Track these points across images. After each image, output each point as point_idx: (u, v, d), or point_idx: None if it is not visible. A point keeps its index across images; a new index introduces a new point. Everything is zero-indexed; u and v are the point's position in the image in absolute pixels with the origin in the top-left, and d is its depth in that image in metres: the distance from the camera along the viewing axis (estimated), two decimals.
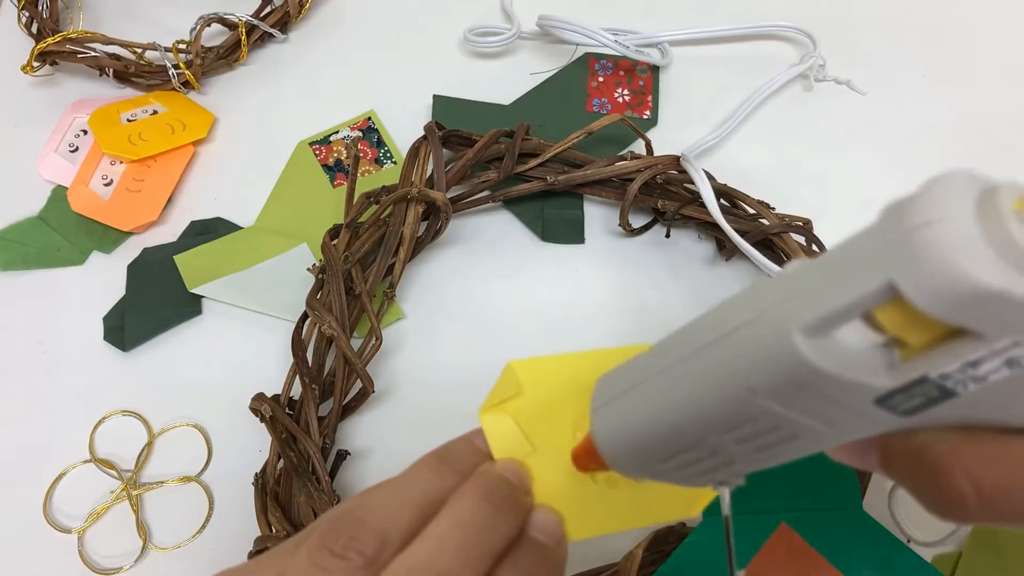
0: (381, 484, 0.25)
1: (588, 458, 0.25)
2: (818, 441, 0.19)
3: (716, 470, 0.21)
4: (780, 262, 0.42)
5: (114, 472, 0.40)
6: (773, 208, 0.43)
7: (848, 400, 0.17)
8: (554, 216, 0.46)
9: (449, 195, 0.42)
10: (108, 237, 0.46)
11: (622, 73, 0.51)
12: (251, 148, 0.49)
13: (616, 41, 0.48)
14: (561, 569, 0.26)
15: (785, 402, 0.18)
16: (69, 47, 0.49)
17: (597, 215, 0.46)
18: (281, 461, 0.37)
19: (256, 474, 0.38)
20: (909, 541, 0.37)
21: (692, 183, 0.43)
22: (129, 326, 0.43)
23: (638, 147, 0.47)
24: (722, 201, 0.44)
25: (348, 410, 0.39)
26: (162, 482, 0.39)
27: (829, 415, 0.18)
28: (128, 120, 0.48)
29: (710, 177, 0.44)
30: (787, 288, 0.17)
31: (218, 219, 0.47)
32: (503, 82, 0.51)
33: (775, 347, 0.17)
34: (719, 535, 0.33)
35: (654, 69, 0.51)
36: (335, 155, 0.48)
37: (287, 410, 0.38)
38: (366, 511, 0.24)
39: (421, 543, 0.23)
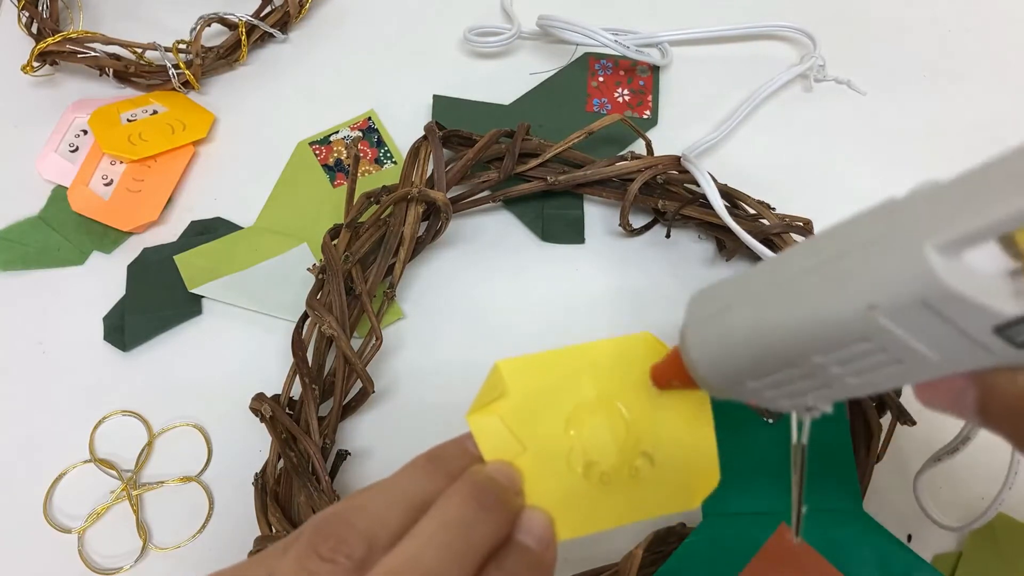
0: (371, 486, 0.25)
1: (671, 374, 0.26)
2: (922, 369, 0.19)
3: (807, 393, 0.21)
4: None
5: (114, 472, 0.40)
6: (773, 208, 0.43)
7: (967, 325, 0.17)
8: (554, 216, 0.46)
9: (449, 195, 0.42)
10: (108, 237, 0.46)
11: (622, 73, 0.51)
12: (251, 148, 0.49)
13: (616, 41, 0.48)
14: (548, 571, 0.26)
15: (903, 322, 0.17)
16: (69, 47, 0.49)
17: (597, 215, 0.46)
18: (281, 461, 0.37)
19: (256, 474, 0.38)
20: (910, 540, 0.37)
21: (693, 183, 0.43)
22: (129, 326, 0.43)
23: (638, 147, 0.47)
24: (722, 201, 0.44)
25: (348, 410, 0.39)
26: (162, 482, 0.40)
27: (943, 341, 0.18)
28: (128, 120, 0.48)
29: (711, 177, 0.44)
30: (922, 206, 0.17)
31: (218, 219, 0.47)
32: (503, 82, 0.51)
33: (906, 263, 0.17)
34: (719, 535, 0.33)
35: (654, 69, 0.51)
36: (335, 155, 0.48)
37: (287, 410, 0.38)
38: (354, 513, 0.24)
39: (407, 543, 0.23)
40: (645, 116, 0.50)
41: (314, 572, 0.22)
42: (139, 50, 0.49)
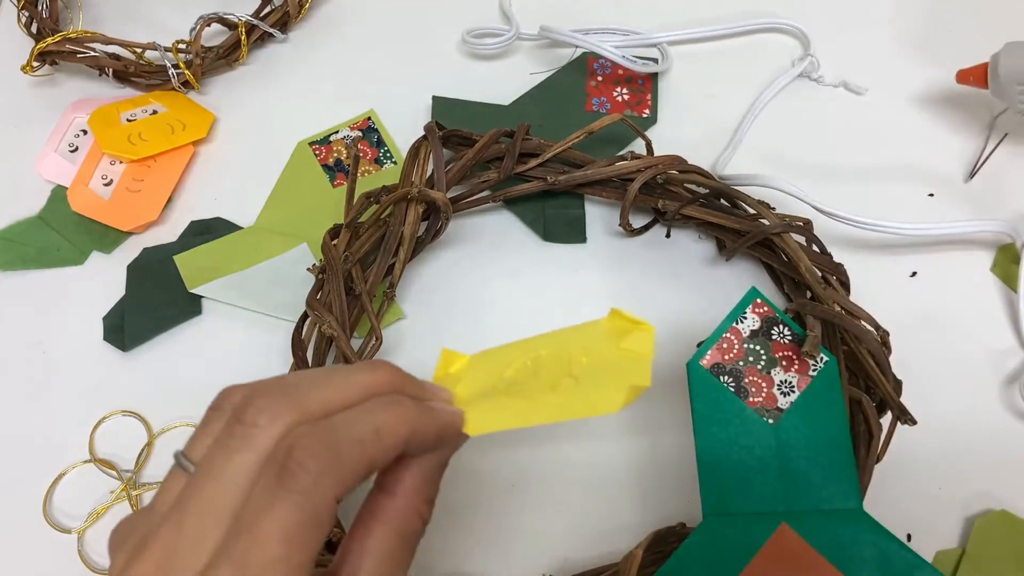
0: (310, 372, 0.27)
1: (975, 75, 0.45)
2: None
3: None
4: (780, 262, 0.42)
5: (114, 472, 0.40)
6: (773, 208, 0.43)
7: None
8: (555, 215, 0.46)
9: (449, 195, 0.42)
10: (108, 237, 0.46)
11: (621, 72, 0.51)
12: (251, 148, 0.49)
13: (621, 54, 0.48)
14: (438, 418, 0.26)
15: None
16: (69, 47, 0.49)
17: (597, 215, 0.46)
18: None
19: None
20: (909, 539, 0.37)
21: (693, 183, 0.43)
22: (129, 326, 0.43)
23: (638, 146, 0.47)
24: (722, 201, 0.44)
25: None
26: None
27: None
28: (128, 120, 0.48)
29: (709, 176, 0.44)
30: None
31: (218, 219, 0.47)
32: (502, 83, 0.51)
33: None
34: (719, 535, 0.33)
35: None
36: (335, 155, 0.48)
37: None
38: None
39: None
40: (645, 115, 0.50)
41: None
42: (139, 50, 0.49)
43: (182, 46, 0.49)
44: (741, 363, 0.35)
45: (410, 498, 0.25)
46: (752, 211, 0.43)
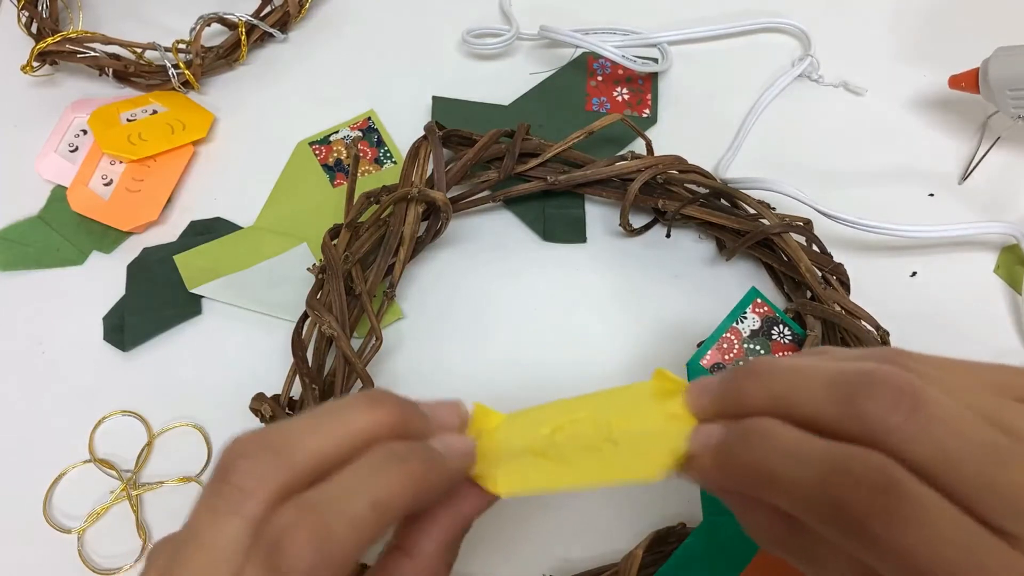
0: (307, 415, 0.25)
1: (966, 80, 0.45)
2: None
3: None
4: (780, 262, 0.42)
5: (114, 472, 0.40)
6: (773, 208, 0.43)
7: None
8: (556, 215, 0.46)
9: (449, 195, 0.42)
10: (108, 237, 0.46)
11: (621, 72, 0.51)
12: (251, 148, 0.49)
13: (621, 55, 0.48)
14: (445, 472, 0.24)
15: None
16: (69, 47, 0.49)
17: (597, 215, 0.46)
18: None
19: None
20: None
21: (693, 183, 0.43)
22: (129, 326, 0.43)
23: (638, 146, 0.47)
24: (722, 201, 0.44)
25: None
26: (162, 482, 0.40)
27: None
28: (128, 120, 0.48)
29: (710, 176, 0.44)
30: None
31: (218, 219, 0.47)
32: (502, 82, 0.51)
33: None
34: (719, 535, 0.33)
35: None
36: (335, 155, 0.48)
37: (287, 410, 0.38)
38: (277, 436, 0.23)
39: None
40: (644, 115, 0.50)
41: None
42: (139, 50, 0.49)
43: (182, 46, 0.49)
44: (741, 363, 0.36)
45: (430, 563, 0.24)
46: (752, 211, 0.43)
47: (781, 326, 0.36)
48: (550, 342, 0.43)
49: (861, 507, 0.19)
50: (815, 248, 0.42)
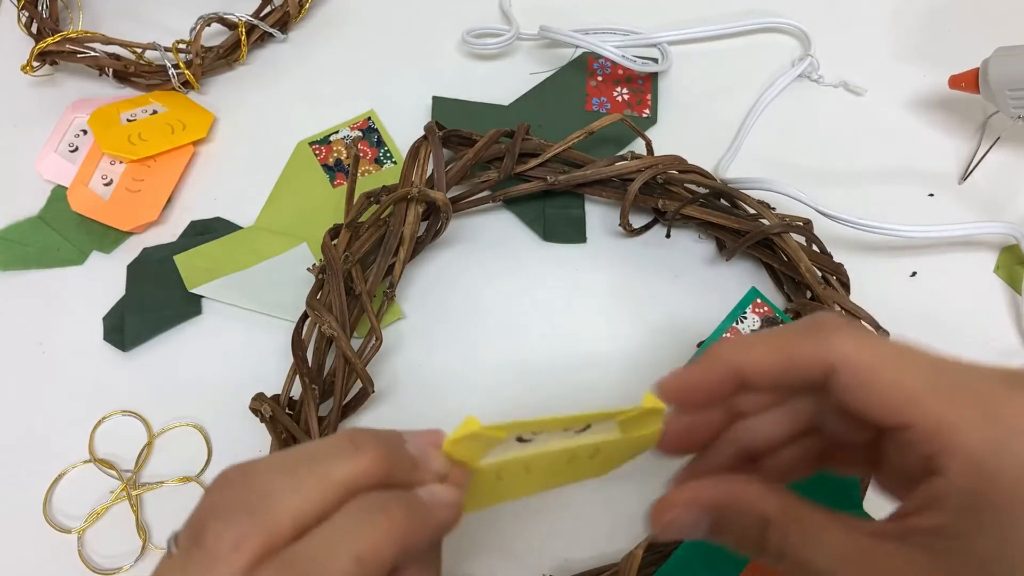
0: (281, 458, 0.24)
1: (966, 80, 0.45)
2: None
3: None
4: (780, 262, 0.42)
5: (114, 472, 0.40)
6: (773, 208, 0.43)
7: None
8: (556, 215, 0.46)
9: (449, 195, 0.42)
10: (108, 237, 0.46)
11: (620, 72, 0.51)
12: (251, 148, 0.49)
13: (621, 54, 0.48)
14: (430, 523, 0.23)
15: None
16: (69, 47, 0.49)
17: (597, 215, 0.46)
18: None
19: None
20: None
21: (693, 183, 0.43)
22: (129, 326, 0.43)
23: (638, 146, 0.47)
24: (722, 201, 0.44)
25: (348, 410, 0.39)
26: (162, 482, 0.39)
27: None
28: (128, 120, 0.48)
29: (709, 176, 0.44)
30: None
31: (218, 219, 0.47)
32: (502, 82, 0.51)
33: None
34: None
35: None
36: (335, 155, 0.48)
37: (287, 410, 0.38)
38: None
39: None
40: (644, 115, 0.50)
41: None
42: (139, 50, 0.49)
43: (182, 46, 0.49)
44: None
45: None
46: (752, 211, 0.43)
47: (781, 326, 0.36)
48: (550, 342, 0.43)
49: (826, 323, 0.24)
50: (815, 248, 0.42)
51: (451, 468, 0.25)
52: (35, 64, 0.49)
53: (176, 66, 0.49)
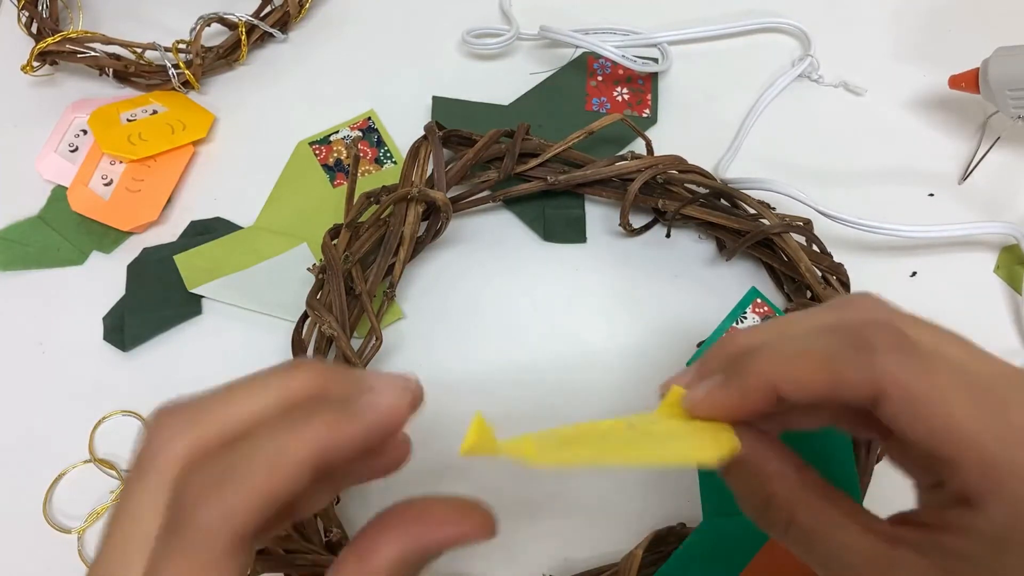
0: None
1: (966, 80, 0.45)
2: None
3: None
4: (781, 262, 0.42)
5: (114, 472, 0.40)
6: (773, 208, 0.43)
7: None
8: (556, 215, 0.46)
9: (449, 195, 0.42)
10: (108, 237, 0.46)
11: (621, 72, 0.51)
12: (251, 148, 0.49)
13: (621, 54, 0.48)
14: (359, 429, 0.23)
15: None
16: (69, 47, 0.49)
17: (597, 215, 0.46)
18: None
19: None
20: None
21: (693, 183, 0.43)
22: (129, 326, 0.43)
23: (638, 146, 0.47)
24: (722, 201, 0.44)
25: None
26: None
27: None
28: (128, 120, 0.48)
29: (710, 176, 0.44)
30: None
31: (218, 219, 0.47)
32: (502, 82, 0.51)
33: None
34: (719, 535, 0.33)
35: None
36: (335, 155, 0.48)
37: None
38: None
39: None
40: (644, 115, 0.50)
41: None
42: (139, 50, 0.49)
43: (182, 46, 0.49)
44: None
45: (379, 574, 0.22)
46: (752, 211, 0.43)
47: None
48: (550, 342, 0.43)
49: (884, 339, 0.22)
50: (815, 248, 0.42)
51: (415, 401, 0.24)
52: (35, 64, 0.49)
53: (176, 66, 0.49)
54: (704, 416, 0.24)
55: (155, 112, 0.49)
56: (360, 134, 0.49)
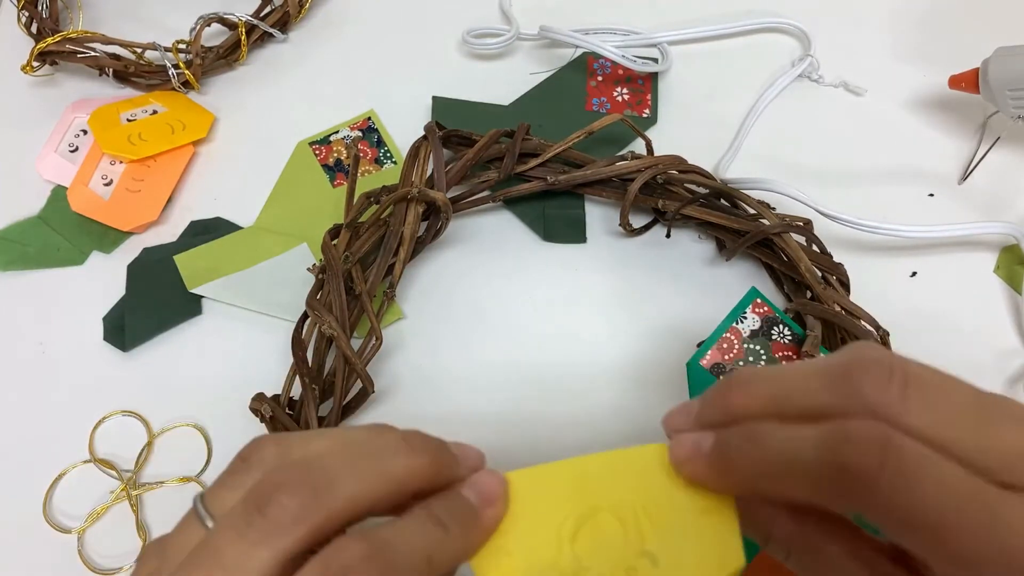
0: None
1: (966, 80, 0.45)
2: None
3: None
4: (780, 262, 0.42)
5: (114, 472, 0.40)
6: (773, 208, 0.43)
7: None
8: (556, 215, 0.46)
9: (449, 195, 0.42)
10: (108, 237, 0.46)
11: (621, 72, 0.51)
12: (251, 148, 0.49)
13: (621, 54, 0.48)
14: (483, 531, 0.24)
15: None
16: (69, 47, 0.49)
17: (597, 215, 0.46)
18: None
19: None
20: None
21: (693, 183, 0.43)
22: (129, 326, 0.43)
23: (638, 146, 0.47)
24: (722, 201, 0.44)
25: (348, 410, 0.39)
26: (162, 482, 0.39)
27: None
28: (128, 120, 0.48)
29: (710, 176, 0.44)
30: None
31: (218, 219, 0.47)
32: (502, 83, 0.51)
33: None
34: None
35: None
36: (335, 155, 0.48)
37: (287, 410, 0.38)
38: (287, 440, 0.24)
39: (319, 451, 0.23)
40: (644, 115, 0.50)
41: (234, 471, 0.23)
42: (139, 50, 0.49)
43: (182, 46, 0.49)
44: (741, 363, 0.35)
45: None
46: (752, 211, 0.43)
47: (781, 326, 0.36)
48: (550, 342, 0.43)
49: (866, 467, 0.20)
50: (815, 248, 0.42)
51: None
52: (35, 64, 0.49)
53: (176, 66, 0.49)
54: (686, 478, 0.25)
55: (155, 112, 0.49)
56: (360, 134, 0.49)
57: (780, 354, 0.36)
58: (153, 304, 0.43)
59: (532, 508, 0.26)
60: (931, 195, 0.47)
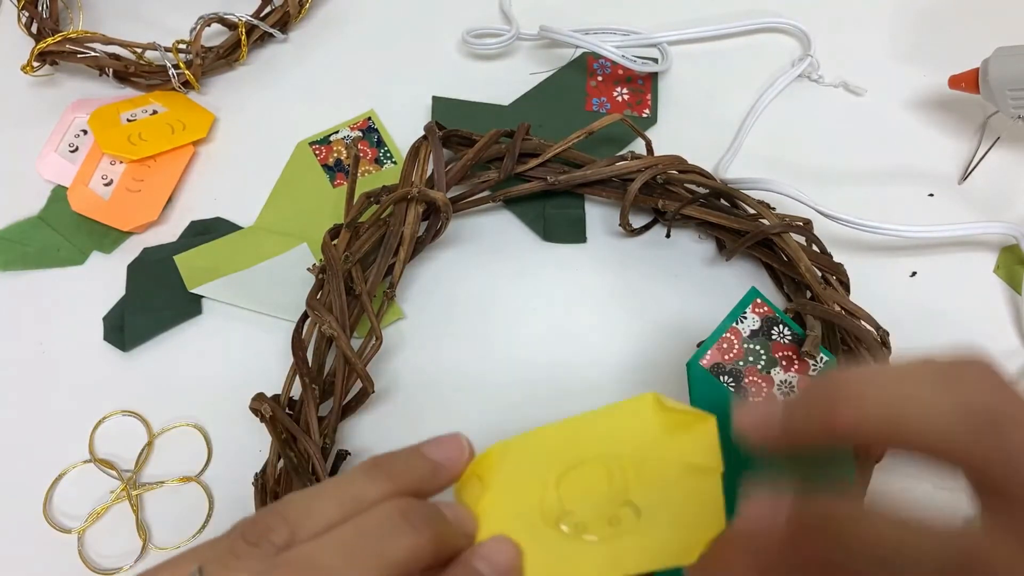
0: (314, 486, 0.26)
1: (966, 80, 0.45)
2: None
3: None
4: (780, 262, 0.42)
5: (114, 472, 0.40)
6: (773, 208, 0.43)
7: None
8: (556, 215, 0.46)
9: (449, 195, 0.42)
10: (108, 237, 0.46)
11: (621, 72, 0.51)
12: (251, 148, 0.49)
13: (621, 54, 0.48)
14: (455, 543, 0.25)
15: None
16: (69, 47, 0.49)
17: (597, 215, 0.46)
18: (281, 461, 0.37)
19: (256, 474, 0.38)
20: None
21: (693, 183, 0.43)
22: (129, 326, 0.43)
23: (638, 146, 0.47)
24: (722, 201, 0.44)
25: (348, 410, 0.39)
26: (162, 482, 0.40)
27: None
28: (128, 120, 0.48)
29: (709, 176, 0.44)
30: None
31: (218, 219, 0.47)
32: (502, 83, 0.51)
33: None
34: None
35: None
36: (335, 155, 0.48)
37: (287, 410, 0.38)
38: (287, 506, 0.24)
39: (316, 540, 0.23)
40: (644, 115, 0.50)
41: (238, 555, 0.23)
42: (139, 50, 0.49)
43: (182, 46, 0.49)
44: (741, 363, 0.36)
45: None
46: (752, 211, 0.43)
47: (781, 326, 0.36)
48: (550, 342, 0.43)
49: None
50: (815, 248, 0.42)
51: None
52: (35, 64, 0.49)
53: (176, 66, 0.49)
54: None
55: (155, 112, 0.49)
56: (360, 134, 0.49)
57: (780, 354, 0.36)
58: (153, 304, 0.43)
59: (524, 463, 0.26)
60: (931, 195, 0.47)
